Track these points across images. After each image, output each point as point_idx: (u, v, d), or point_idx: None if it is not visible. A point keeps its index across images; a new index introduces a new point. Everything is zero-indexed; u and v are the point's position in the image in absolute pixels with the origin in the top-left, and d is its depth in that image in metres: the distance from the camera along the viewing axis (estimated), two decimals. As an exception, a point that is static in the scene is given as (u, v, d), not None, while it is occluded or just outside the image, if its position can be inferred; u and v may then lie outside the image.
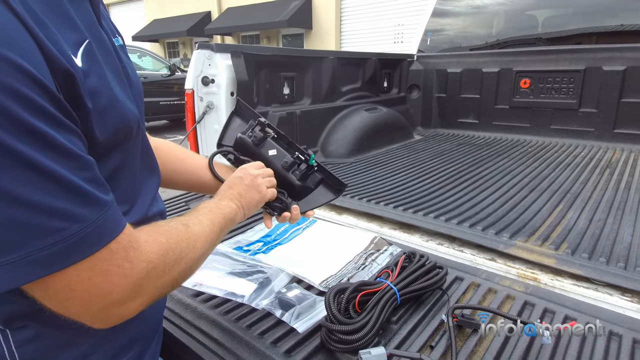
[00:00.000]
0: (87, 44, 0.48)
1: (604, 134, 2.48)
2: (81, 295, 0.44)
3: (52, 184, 0.39)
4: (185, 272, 0.57)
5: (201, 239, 0.60)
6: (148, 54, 8.29)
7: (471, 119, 2.97)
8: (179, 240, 0.55)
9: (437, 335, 0.81)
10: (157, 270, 0.50)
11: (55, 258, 0.40)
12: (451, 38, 3.14)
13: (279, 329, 0.82)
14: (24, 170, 0.38)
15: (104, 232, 0.44)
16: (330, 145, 2.32)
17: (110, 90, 0.50)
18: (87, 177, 0.43)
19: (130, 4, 19.05)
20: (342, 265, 1.06)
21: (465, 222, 1.34)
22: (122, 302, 0.47)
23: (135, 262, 0.47)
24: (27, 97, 0.38)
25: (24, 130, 0.38)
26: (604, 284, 1.01)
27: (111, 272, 0.45)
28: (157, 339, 0.71)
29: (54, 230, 0.40)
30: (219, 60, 1.75)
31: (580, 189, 1.69)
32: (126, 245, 0.47)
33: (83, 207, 0.42)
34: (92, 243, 0.43)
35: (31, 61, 0.39)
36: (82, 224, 0.41)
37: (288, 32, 13.80)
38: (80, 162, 0.43)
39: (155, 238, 0.52)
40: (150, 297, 0.51)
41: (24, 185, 0.38)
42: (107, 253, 0.44)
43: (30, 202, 0.38)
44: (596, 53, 2.44)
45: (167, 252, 0.52)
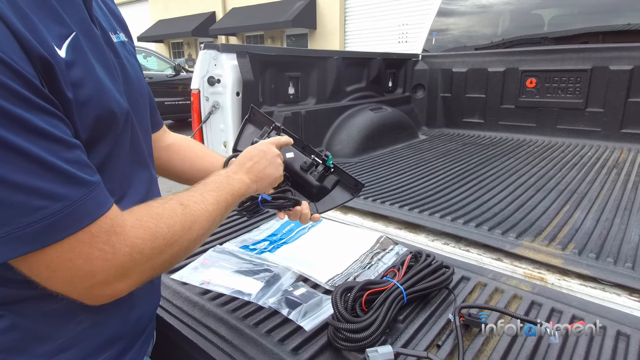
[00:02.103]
0: (74, 36, 0.49)
1: (610, 133, 2.46)
2: (63, 274, 0.45)
3: (30, 164, 0.41)
4: (179, 253, 0.56)
5: (200, 220, 0.59)
6: (153, 54, 8.33)
7: (476, 119, 2.96)
8: (171, 224, 0.54)
9: (443, 335, 0.81)
10: (143, 255, 0.50)
11: (37, 235, 0.42)
12: (456, 37, 3.13)
13: (286, 327, 0.83)
14: (3, 151, 0.39)
15: (86, 212, 0.45)
16: (335, 145, 2.32)
17: (95, 82, 0.51)
18: (69, 158, 0.44)
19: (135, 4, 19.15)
20: (348, 264, 1.07)
21: (472, 221, 1.34)
22: (107, 283, 0.48)
23: (117, 246, 0.47)
24: (4, 84, 0.39)
25: (2, 113, 0.39)
26: (612, 284, 1.00)
27: (92, 255, 0.45)
28: (143, 340, 0.70)
29: (35, 209, 0.41)
30: (225, 60, 1.76)
31: (587, 189, 1.68)
32: (108, 229, 0.47)
33: (64, 187, 0.43)
34: (74, 222, 0.44)
35: (7, 51, 0.40)
36: (63, 203, 0.42)
37: (292, 32, 13.81)
38: (61, 143, 0.44)
39: (142, 223, 0.51)
40: (138, 279, 0.51)
41: (4, 166, 0.39)
42: (88, 236, 0.45)
43: (10, 181, 0.40)
44: (603, 52, 2.42)
45: (156, 237, 0.51)
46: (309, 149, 0.95)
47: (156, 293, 0.76)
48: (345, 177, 0.97)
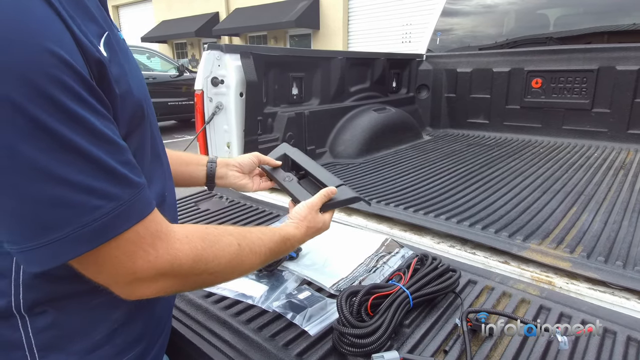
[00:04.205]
0: (107, 35, 0.51)
1: (617, 134, 2.44)
2: (109, 270, 0.48)
3: (91, 165, 0.43)
4: (212, 283, 0.61)
5: (245, 266, 0.63)
6: (157, 54, 8.35)
7: (481, 119, 2.94)
8: (219, 256, 0.57)
9: (450, 340, 0.79)
10: (182, 269, 0.52)
11: (95, 234, 0.44)
12: (461, 37, 3.11)
13: (291, 331, 0.82)
14: (67, 153, 0.41)
15: (135, 212, 0.47)
16: (339, 146, 2.31)
17: (127, 78, 0.53)
18: (122, 160, 0.47)
19: (139, 5, 19.21)
20: (353, 268, 1.06)
21: (478, 224, 1.32)
22: (145, 282, 0.50)
23: (161, 252, 0.50)
24: (69, 86, 0.41)
25: (68, 117, 0.41)
26: (621, 288, 0.99)
27: (136, 254, 0.48)
28: (164, 336, 0.72)
29: (93, 208, 0.43)
30: (229, 61, 1.75)
31: (594, 191, 1.66)
32: (153, 232, 0.50)
33: (118, 187, 0.45)
34: (125, 221, 0.46)
35: (71, 54, 0.42)
36: (116, 203, 0.45)
37: (295, 33, 13.81)
38: (116, 146, 0.46)
39: (190, 240, 0.54)
40: (172, 286, 0.53)
41: (67, 167, 0.42)
42: (135, 236, 0.48)
43: (73, 182, 0.42)
44: (609, 52, 2.40)
45: (199, 259, 0.54)
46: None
47: None
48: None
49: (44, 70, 0.39)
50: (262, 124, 1.93)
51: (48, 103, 0.40)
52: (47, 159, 0.40)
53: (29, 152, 0.39)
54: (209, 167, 0.92)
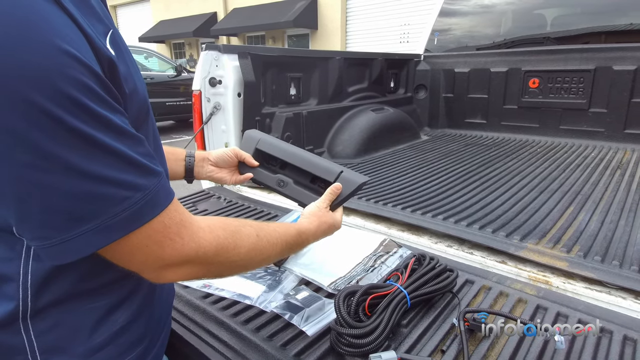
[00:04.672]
0: (112, 33, 0.51)
1: (614, 134, 2.45)
2: (139, 258, 0.51)
3: (116, 159, 0.45)
4: (231, 271, 0.63)
5: (261, 257, 0.66)
6: (154, 54, 8.34)
7: (479, 119, 2.94)
8: (240, 245, 0.60)
9: (448, 340, 0.80)
10: (207, 257, 0.55)
11: (124, 223, 0.46)
12: (458, 38, 3.12)
13: (288, 331, 0.82)
14: (92, 149, 0.43)
15: (160, 199, 0.50)
16: (337, 146, 2.31)
17: (132, 76, 0.54)
18: (142, 151, 0.49)
19: (136, 5, 19.17)
20: (351, 267, 1.06)
21: (475, 224, 1.32)
22: (172, 268, 0.53)
23: (187, 239, 0.53)
24: (87, 85, 0.43)
25: (89, 115, 0.43)
26: (617, 287, 0.99)
27: (164, 243, 0.51)
28: (163, 336, 0.72)
29: (123, 199, 0.46)
30: (227, 61, 1.75)
31: (591, 190, 1.67)
32: (178, 222, 0.52)
33: (142, 178, 0.48)
34: (152, 209, 0.49)
35: (85, 54, 0.43)
36: (143, 192, 0.47)
37: (293, 33, 13.80)
38: (135, 139, 0.48)
39: (213, 230, 0.57)
40: (197, 272, 0.56)
41: (95, 162, 0.44)
42: (162, 226, 0.50)
43: (102, 176, 0.44)
44: (606, 52, 2.41)
45: (221, 247, 0.57)
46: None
47: (173, 289, 0.78)
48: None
49: (62, 71, 0.40)
50: (260, 124, 1.93)
51: (69, 103, 0.41)
52: (75, 157, 0.42)
53: (56, 150, 0.41)
54: (188, 161, 0.95)
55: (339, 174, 0.92)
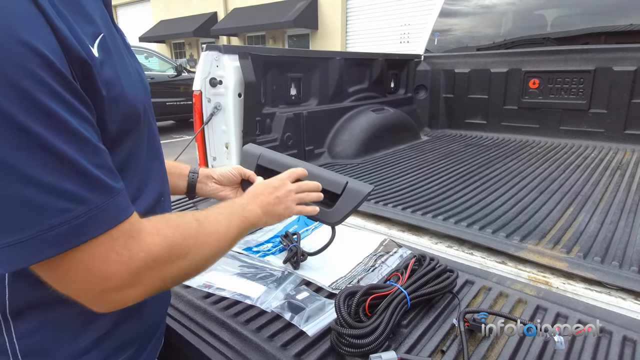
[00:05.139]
0: (102, 37, 0.50)
1: (614, 135, 2.45)
2: (80, 277, 0.45)
3: (62, 165, 0.41)
4: (190, 269, 0.57)
5: (213, 238, 0.61)
6: (155, 54, 8.34)
7: (479, 120, 2.94)
8: (186, 237, 0.55)
9: (448, 340, 0.80)
10: (158, 262, 0.50)
11: (60, 239, 0.41)
12: (459, 38, 3.12)
13: (289, 331, 0.82)
14: (37, 151, 0.39)
15: (107, 218, 0.45)
16: (337, 146, 2.31)
17: (121, 81, 0.52)
18: (97, 163, 0.44)
19: (137, 5, 19.17)
20: (352, 267, 1.06)
21: (475, 224, 1.33)
22: (119, 289, 0.47)
23: (134, 251, 0.47)
24: (44, 81, 0.39)
25: (40, 111, 0.39)
26: (617, 288, 0.99)
27: (109, 257, 0.45)
28: (154, 341, 0.71)
29: (61, 211, 0.41)
30: (227, 61, 1.75)
31: (591, 191, 1.67)
32: (126, 233, 0.47)
33: (89, 191, 0.43)
34: (95, 227, 0.44)
35: (48, 48, 0.40)
36: (87, 207, 0.42)
37: (294, 33, 13.80)
38: (92, 147, 0.44)
39: (160, 230, 0.52)
40: (149, 288, 0.51)
41: (37, 165, 0.39)
42: (107, 239, 0.45)
43: (42, 182, 0.40)
44: (606, 53, 2.41)
45: (171, 247, 0.52)
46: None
47: (168, 294, 0.77)
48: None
49: (17, 62, 0.38)
50: (261, 125, 1.93)
51: (20, 96, 0.38)
52: (14, 155, 0.38)
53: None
54: (191, 177, 0.93)
55: (345, 185, 0.91)
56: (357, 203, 0.91)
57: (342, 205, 0.92)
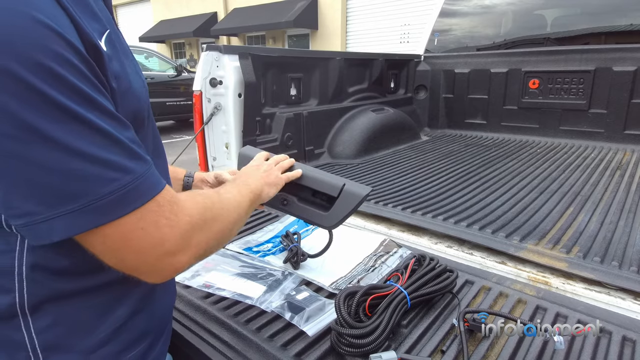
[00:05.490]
0: (108, 33, 0.51)
1: (614, 135, 2.45)
2: (136, 244, 0.47)
3: (103, 138, 0.44)
4: (224, 232, 0.62)
5: (232, 205, 0.67)
6: (155, 54, 8.33)
7: (479, 120, 2.95)
8: (214, 202, 0.61)
9: (448, 340, 0.80)
10: (199, 224, 0.54)
11: (112, 206, 0.44)
12: (459, 38, 3.12)
13: (289, 331, 0.82)
14: (77, 125, 0.42)
15: (150, 185, 0.48)
16: (337, 146, 2.31)
17: (128, 77, 0.53)
18: (129, 137, 0.47)
19: (137, 5, 19.17)
20: (352, 267, 1.06)
21: (475, 224, 1.33)
22: (173, 253, 0.50)
23: (180, 215, 0.51)
24: (72, 62, 0.42)
25: (69, 88, 0.41)
26: (617, 288, 0.99)
27: (160, 222, 0.49)
28: (165, 335, 0.72)
29: (110, 180, 0.44)
30: (227, 61, 1.76)
31: (591, 191, 1.67)
32: (170, 200, 0.51)
33: (132, 162, 0.46)
34: (142, 194, 0.47)
35: (71, 35, 0.43)
36: (132, 176, 0.46)
37: (294, 33, 13.80)
38: (122, 122, 0.47)
39: (192, 197, 0.57)
40: (196, 251, 0.54)
41: (80, 139, 0.42)
42: (155, 205, 0.48)
43: (87, 154, 0.42)
44: (606, 53, 2.41)
45: (205, 209, 0.57)
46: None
47: (174, 287, 0.78)
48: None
49: (41, 43, 0.40)
50: (261, 125, 1.94)
51: (50, 76, 0.40)
52: (57, 131, 0.41)
53: (37, 122, 0.40)
54: (186, 181, 0.94)
55: (341, 188, 0.90)
56: (354, 206, 0.89)
57: (339, 208, 0.89)
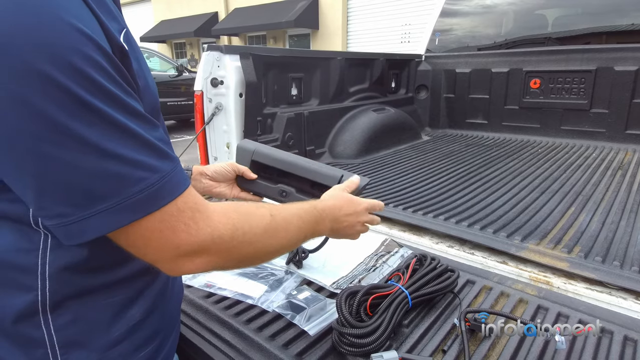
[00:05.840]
0: (126, 32, 0.52)
1: (615, 135, 2.45)
2: (155, 244, 0.49)
3: (132, 138, 0.45)
4: (253, 256, 0.60)
5: (280, 236, 0.63)
6: (156, 54, 8.34)
7: (480, 120, 2.94)
8: (255, 225, 0.58)
9: (449, 339, 0.80)
10: (223, 240, 0.53)
11: (140, 205, 0.46)
12: (459, 38, 3.12)
13: (290, 331, 0.82)
14: (107, 126, 0.43)
15: (176, 184, 0.49)
16: (338, 146, 2.31)
17: (144, 73, 0.54)
18: (156, 136, 0.48)
19: (138, 5, 19.19)
20: (353, 267, 1.06)
21: (476, 224, 1.33)
22: (190, 256, 0.51)
23: (201, 224, 0.51)
24: (98, 63, 0.43)
25: (103, 93, 0.43)
26: (618, 287, 0.99)
27: (178, 228, 0.49)
28: (175, 332, 0.73)
29: (139, 179, 0.45)
30: (228, 61, 1.76)
31: (592, 191, 1.67)
32: (192, 206, 0.51)
33: (159, 161, 0.47)
34: (168, 193, 0.48)
35: (98, 35, 0.44)
36: (159, 175, 0.47)
37: (294, 33, 13.80)
38: (150, 122, 0.48)
39: (227, 213, 0.55)
40: (216, 260, 0.54)
41: (110, 140, 0.43)
42: (176, 210, 0.49)
43: (117, 154, 0.44)
44: (608, 53, 2.41)
45: (236, 229, 0.55)
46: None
47: (182, 287, 0.78)
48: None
49: (75, 47, 0.41)
50: (262, 125, 1.94)
51: (83, 79, 0.41)
52: (90, 132, 0.42)
53: (71, 124, 0.41)
54: None
55: (340, 179, 0.91)
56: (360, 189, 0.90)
57: None
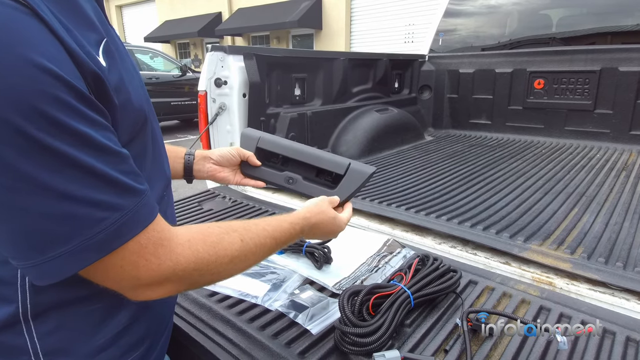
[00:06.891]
0: (105, 42, 0.50)
1: (619, 135, 2.44)
2: (114, 277, 0.49)
3: (95, 179, 0.44)
4: (218, 279, 0.60)
5: (250, 261, 0.63)
6: (160, 54, 8.38)
7: (484, 120, 2.94)
8: (222, 255, 0.57)
9: (451, 339, 0.80)
10: (185, 273, 0.53)
11: (100, 245, 0.45)
12: (463, 38, 3.11)
13: (293, 330, 0.83)
14: (68, 169, 0.42)
15: (139, 219, 0.48)
16: (341, 146, 2.32)
17: (126, 84, 0.52)
18: (124, 169, 0.47)
19: (142, 5, 19.26)
20: (355, 268, 1.07)
21: (479, 224, 1.33)
22: (149, 287, 0.51)
23: (163, 259, 0.50)
24: (65, 101, 0.41)
25: (65, 132, 0.41)
26: (621, 288, 0.99)
27: (139, 263, 0.49)
28: (166, 334, 0.72)
29: (99, 220, 0.44)
30: (232, 62, 1.77)
31: (596, 192, 1.66)
32: (156, 241, 0.50)
33: (121, 197, 0.46)
34: (130, 229, 0.47)
35: (63, 68, 0.41)
36: (121, 212, 0.46)
37: (298, 33, 13.81)
38: (118, 156, 0.47)
39: (192, 245, 0.54)
40: (177, 288, 0.54)
41: (70, 182, 0.42)
42: (137, 247, 0.48)
43: (78, 197, 0.43)
44: (612, 53, 2.40)
45: (200, 262, 0.54)
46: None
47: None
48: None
49: (37, 88, 0.39)
50: (265, 125, 1.94)
51: (46, 121, 0.39)
52: (50, 177, 0.41)
53: (32, 171, 0.40)
54: (187, 159, 0.91)
55: (348, 166, 0.91)
56: (360, 183, 0.90)
57: (345, 186, 0.91)
